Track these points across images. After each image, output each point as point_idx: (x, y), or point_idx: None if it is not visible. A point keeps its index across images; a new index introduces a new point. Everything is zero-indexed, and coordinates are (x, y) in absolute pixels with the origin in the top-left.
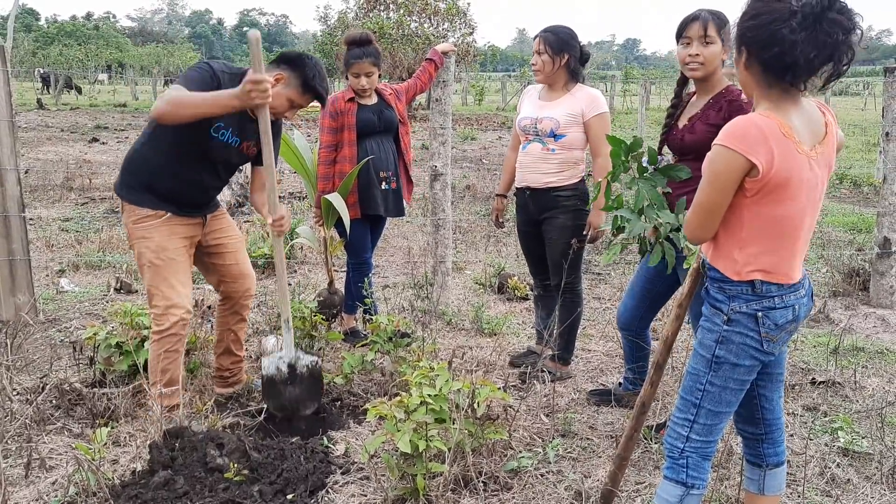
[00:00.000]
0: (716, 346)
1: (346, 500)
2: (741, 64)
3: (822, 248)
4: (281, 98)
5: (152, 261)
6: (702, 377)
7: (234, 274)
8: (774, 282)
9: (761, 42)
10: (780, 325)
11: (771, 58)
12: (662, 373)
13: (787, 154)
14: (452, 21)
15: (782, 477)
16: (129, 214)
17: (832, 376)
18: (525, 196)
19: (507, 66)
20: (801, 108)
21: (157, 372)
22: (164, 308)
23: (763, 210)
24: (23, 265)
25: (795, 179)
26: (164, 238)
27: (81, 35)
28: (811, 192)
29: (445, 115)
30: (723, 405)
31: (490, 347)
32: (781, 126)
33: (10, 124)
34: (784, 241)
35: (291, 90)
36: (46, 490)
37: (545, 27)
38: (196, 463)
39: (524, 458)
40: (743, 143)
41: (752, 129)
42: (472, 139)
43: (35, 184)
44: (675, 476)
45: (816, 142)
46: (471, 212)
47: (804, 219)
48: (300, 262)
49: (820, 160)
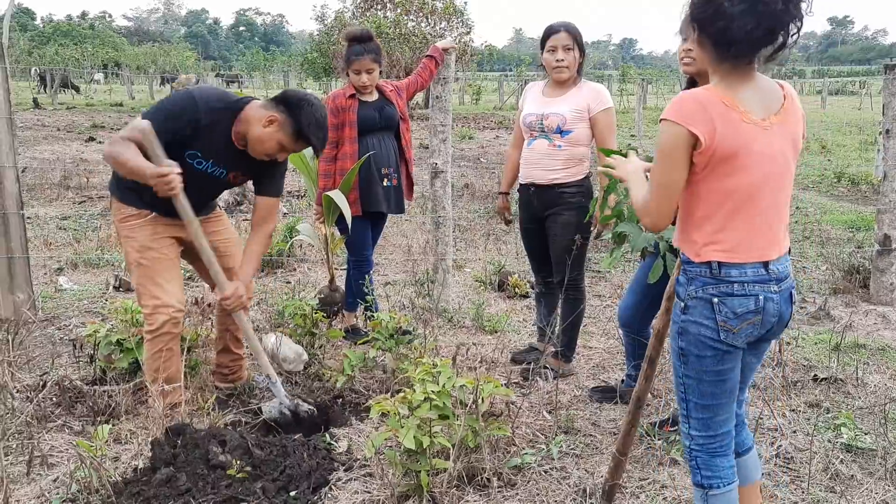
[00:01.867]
0: (678, 337)
1: (349, 496)
2: (695, 42)
3: (821, 246)
4: (272, 141)
5: (138, 261)
6: (678, 371)
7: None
8: (735, 262)
9: (707, 17)
10: (738, 314)
11: (716, 32)
12: (655, 367)
13: (730, 124)
14: (449, 20)
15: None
16: (116, 212)
17: (834, 373)
18: (529, 193)
19: (503, 66)
20: (752, 83)
21: (153, 371)
22: (153, 308)
23: (715, 185)
24: (21, 263)
25: (744, 150)
26: (147, 238)
27: (77, 34)
28: (767, 164)
29: (446, 112)
30: (707, 397)
31: (491, 345)
32: (723, 98)
33: (9, 122)
34: (739, 216)
35: (283, 135)
36: (48, 487)
37: (561, 23)
38: (198, 460)
39: (528, 454)
40: (681, 115)
41: (689, 102)
42: (469, 138)
43: (32, 182)
44: (693, 478)
45: (770, 113)
46: (470, 210)
47: (761, 192)
48: (300, 260)
49: (776, 131)
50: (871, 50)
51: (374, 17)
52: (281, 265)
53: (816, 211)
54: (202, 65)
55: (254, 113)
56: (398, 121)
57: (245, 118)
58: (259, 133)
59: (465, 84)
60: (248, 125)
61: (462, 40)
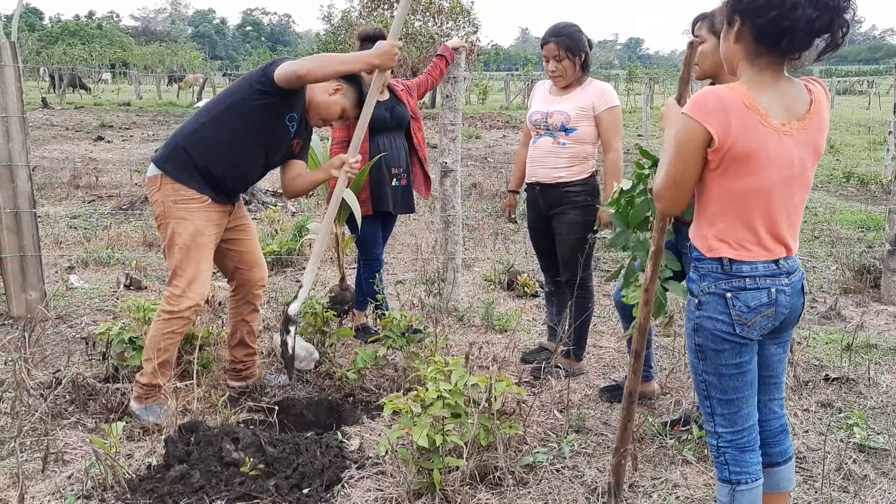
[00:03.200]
0: (694, 334)
1: (361, 494)
2: (731, 35)
3: (831, 246)
4: (337, 106)
5: (187, 243)
6: (697, 368)
7: (249, 261)
8: (745, 260)
9: (757, 7)
10: (752, 307)
11: (767, 23)
12: (642, 361)
13: (748, 125)
14: (456, 20)
15: (781, 476)
16: (170, 192)
17: (846, 373)
18: (535, 191)
19: (510, 66)
20: (780, 84)
21: (156, 349)
22: (184, 290)
23: (727, 184)
24: (34, 261)
25: (760, 153)
26: (203, 223)
27: (85, 34)
28: (783, 168)
29: (456, 111)
30: (729, 392)
31: (501, 344)
32: (744, 97)
33: (21, 120)
34: (751, 217)
35: (347, 102)
36: (63, 484)
37: (553, 30)
38: (211, 457)
39: (539, 453)
40: (700, 112)
41: (710, 98)
42: (476, 138)
43: (42, 181)
44: (720, 474)
45: (793, 118)
46: (478, 209)
47: (773, 195)
48: (322, 254)
49: (796, 137)
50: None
51: (381, 17)
52: (291, 264)
53: (826, 211)
54: (209, 64)
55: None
56: (409, 120)
57: (309, 87)
58: (325, 100)
59: (472, 84)
60: (312, 93)
61: (469, 40)
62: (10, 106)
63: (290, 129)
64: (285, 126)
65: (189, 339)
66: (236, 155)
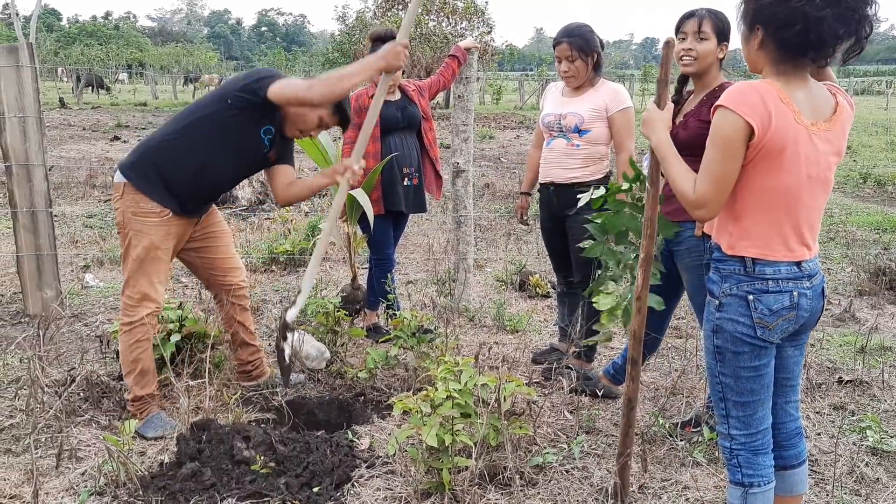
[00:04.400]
0: (713, 336)
1: (371, 493)
2: (754, 43)
3: (846, 247)
4: (313, 115)
5: (141, 256)
6: (714, 370)
7: (223, 267)
8: (768, 259)
9: (780, 20)
10: (774, 310)
11: (792, 35)
12: (639, 367)
13: (783, 120)
14: (470, 20)
15: (794, 480)
16: (130, 202)
17: (859, 375)
18: (549, 192)
19: (524, 66)
20: (808, 86)
21: (129, 362)
22: (139, 300)
23: (757, 180)
24: (50, 260)
25: (791, 149)
26: (159, 237)
27: (102, 35)
28: (811, 167)
29: (468, 111)
30: (745, 394)
31: (512, 344)
32: (780, 92)
33: (38, 121)
34: (779, 216)
35: (324, 109)
36: (77, 480)
37: (565, 31)
38: (223, 455)
39: (549, 454)
40: (742, 105)
41: (749, 91)
42: (490, 138)
43: (59, 181)
44: (733, 477)
45: (821, 119)
46: (490, 210)
47: (801, 194)
48: (322, 259)
49: (823, 137)
50: None
51: (396, 17)
52: (303, 263)
53: (841, 212)
54: (225, 65)
55: None
56: (420, 120)
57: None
58: (300, 110)
59: (486, 84)
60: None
61: (483, 40)
62: (27, 106)
63: (266, 142)
64: (260, 138)
65: (202, 338)
66: (206, 168)
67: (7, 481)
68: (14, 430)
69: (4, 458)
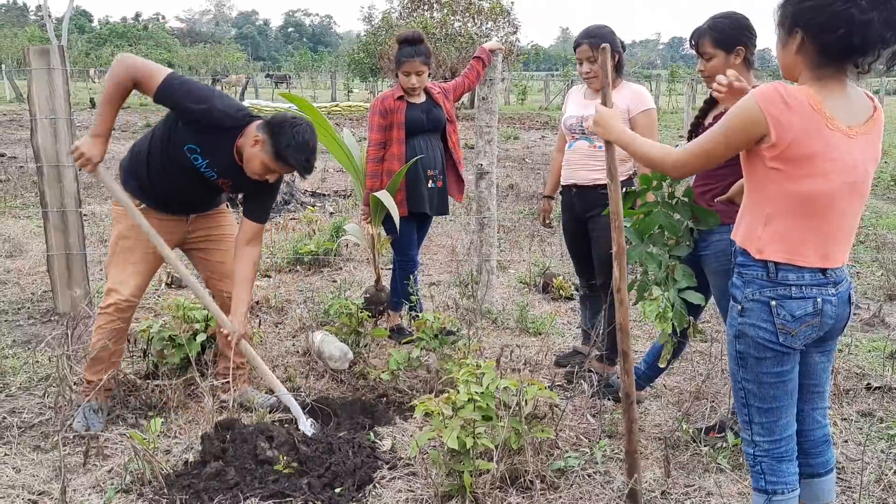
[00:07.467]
0: (735, 341)
1: (393, 495)
2: (791, 47)
3: (876, 251)
4: (257, 160)
5: (113, 244)
6: (737, 376)
7: (220, 272)
8: (795, 264)
9: (822, 24)
10: (797, 316)
11: (837, 39)
12: (631, 360)
13: (811, 127)
14: (496, 20)
15: (821, 488)
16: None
17: (888, 382)
18: (571, 194)
19: (550, 66)
20: (844, 89)
21: (94, 342)
22: (108, 290)
23: (790, 186)
24: (79, 259)
25: (823, 155)
26: (125, 227)
27: (132, 36)
28: (846, 173)
29: (492, 113)
30: (768, 400)
31: (535, 347)
32: (811, 98)
33: (69, 122)
34: (812, 222)
35: (265, 155)
36: (103, 478)
37: (586, 32)
38: (246, 455)
39: (571, 457)
40: (768, 102)
41: (776, 94)
42: (514, 139)
43: (88, 181)
44: (756, 484)
45: (857, 123)
46: (514, 211)
47: (836, 200)
48: (346, 260)
49: (861, 141)
50: None
51: (421, 18)
52: (328, 264)
53: (871, 215)
54: (252, 65)
55: (250, 131)
56: (445, 123)
57: (245, 133)
58: (248, 152)
59: (511, 84)
60: (245, 141)
61: (508, 40)
62: (58, 108)
63: (197, 163)
64: (187, 156)
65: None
66: (161, 173)
67: (36, 478)
68: (43, 427)
69: (34, 455)
